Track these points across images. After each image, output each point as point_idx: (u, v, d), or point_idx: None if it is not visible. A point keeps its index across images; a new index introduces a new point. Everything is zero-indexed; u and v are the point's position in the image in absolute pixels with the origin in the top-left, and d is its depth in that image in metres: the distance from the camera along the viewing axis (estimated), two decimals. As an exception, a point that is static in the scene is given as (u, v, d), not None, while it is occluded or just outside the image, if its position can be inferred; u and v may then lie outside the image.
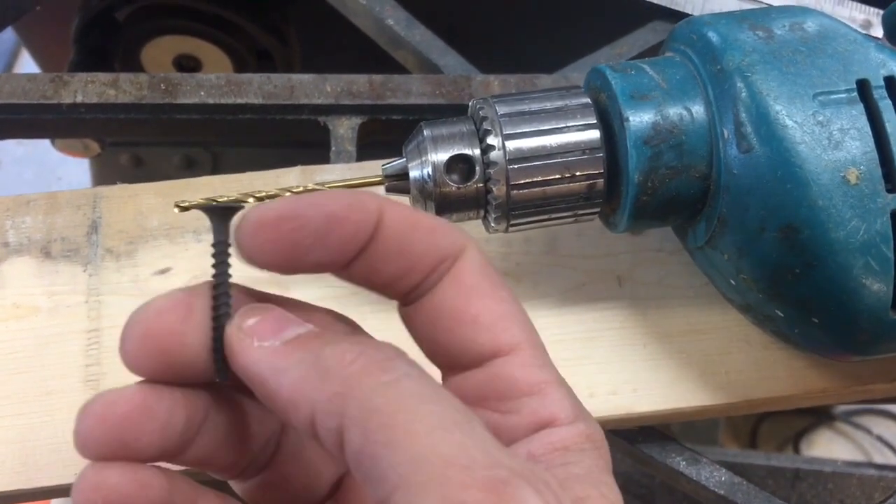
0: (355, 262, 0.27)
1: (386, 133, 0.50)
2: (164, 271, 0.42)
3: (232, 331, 0.26)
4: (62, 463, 0.38)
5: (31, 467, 0.38)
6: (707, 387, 0.41)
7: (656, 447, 0.43)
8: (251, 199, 0.36)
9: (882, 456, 1.49)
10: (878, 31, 0.42)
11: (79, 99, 0.47)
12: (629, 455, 0.44)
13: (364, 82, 0.49)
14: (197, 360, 0.27)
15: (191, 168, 0.98)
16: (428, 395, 0.23)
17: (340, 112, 0.49)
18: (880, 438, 1.52)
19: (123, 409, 0.26)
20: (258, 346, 0.26)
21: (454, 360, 0.28)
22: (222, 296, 0.27)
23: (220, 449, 0.28)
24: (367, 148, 0.50)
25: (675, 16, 0.53)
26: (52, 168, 1.66)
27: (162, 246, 0.42)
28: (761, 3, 0.53)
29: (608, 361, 0.41)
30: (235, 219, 0.27)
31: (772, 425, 1.53)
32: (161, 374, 0.27)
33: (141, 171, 0.99)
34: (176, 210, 0.35)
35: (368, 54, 0.61)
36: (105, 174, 1.03)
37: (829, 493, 1.12)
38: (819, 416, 1.54)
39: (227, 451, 0.28)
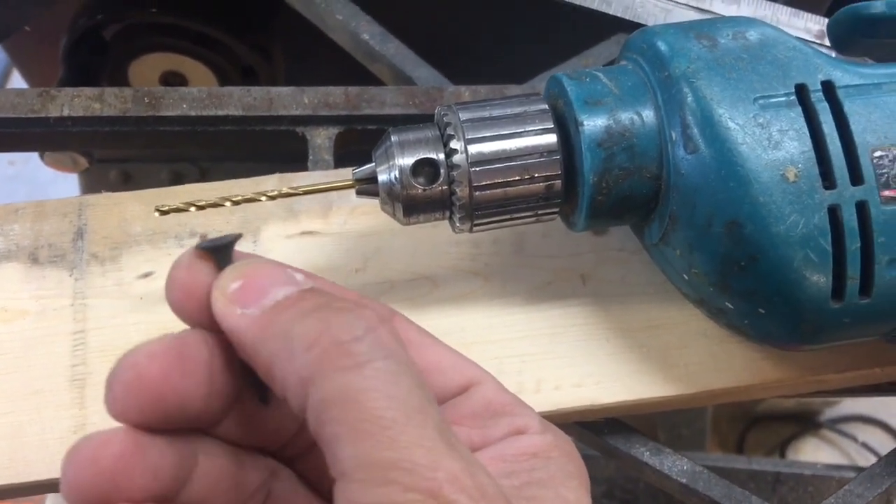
0: None
1: (362, 143, 0.52)
2: (146, 275, 0.43)
3: (216, 295, 0.27)
4: (49, 459, 0.39)
5: (19, 463, 0.39)
6: (667, 379, 0.43)
7: (621, 438, 0.45)
8: (228, 203, 0.38)
9: (868, 463, 1.50)
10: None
11: (65, 112, 0.49)
12: (595, 447, 0.46)
13: (340, 94, 0.52)
14: (189, 406, 0.27)
15: (179, 183, 0.99)
16: (387, 385, 0.24)
17: (317, 123, 0.51)
18: (866, 445, 1.53)
19: (115, 450, 0.26)
20: (241, 314, 0.26)
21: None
22: None
23: (210, 496, 0.28)
24: (345, 157, 0.52)
25: (639, 28, 0.55)
26: (43, 187, 1.67)
27: (145, 251, 0.44)
28: (720, 15, 0.56)
29: (573, 356, 0.43)
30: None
31: (758, 433, 1.55)
32: (150, 421, 0.26)
33: (129, 187, 1.00)
34: (156, 214, 0.37)
35: (351, 70, 0.63)
36: (94, 190, 1.04)
37: (810, 496, 1.13)
38: (805, 424, 1.56)
39: (218, 498, 0.28)
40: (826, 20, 0.57)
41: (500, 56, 0.68)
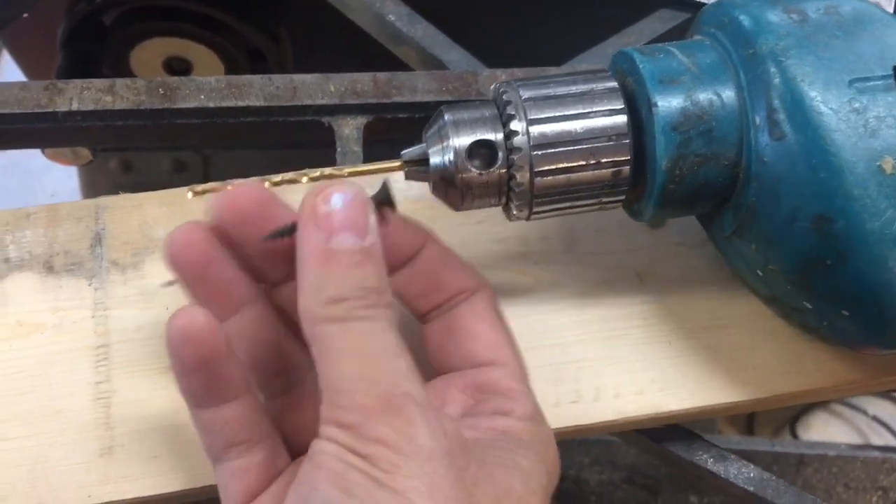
0: (398, 272, 0.34)
1: (391, 132, 0.49)
2: (172, 282, 0.40)
3: (309, 199, 0.31)
4: (75, 485, 0.36)
5: (43, 490, 0.36)
6: (735, 383, 0.40)
7: (682, 446, 0.42)
8: (266, 184, 0.35)
9: (879, 436, 1.49)
10: None
11: (74, 106, 0.46)
12: (653, 454, 0.43)
13: (368, 81, 0.48)
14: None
15: (181, 172, 0.96)
16: (371, 335, 0.30)
17: (345, 112, 0.48)
18: (876, 418, 1.52)
19: (203, 233, 0.33)
20: (314, 232, 0.30)
21: (456, 362, 0.35)
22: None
23: (248, 341, 0.34)
24: (372, 146, 0.49)
25: (682, 3, 0.52)
26: (37, 176, 1.63)
27: (169, 256, 0.41)
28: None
29: (633, 360, 0.40)
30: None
31: (768, 410, 1.53)
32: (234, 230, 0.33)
33: (130, 177, 0.97)
34: (189, 195, 0.34)
35: (360, 51, 0.60)
36: (94, 180, 1.01)
37: (834, 477, 1.12)
38: (814, 398, 1.54)
39: (256, 345, 0.34)
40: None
41: (532, 35, 0.64)
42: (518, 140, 0.33)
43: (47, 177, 1.59)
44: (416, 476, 0.27)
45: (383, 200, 0.33)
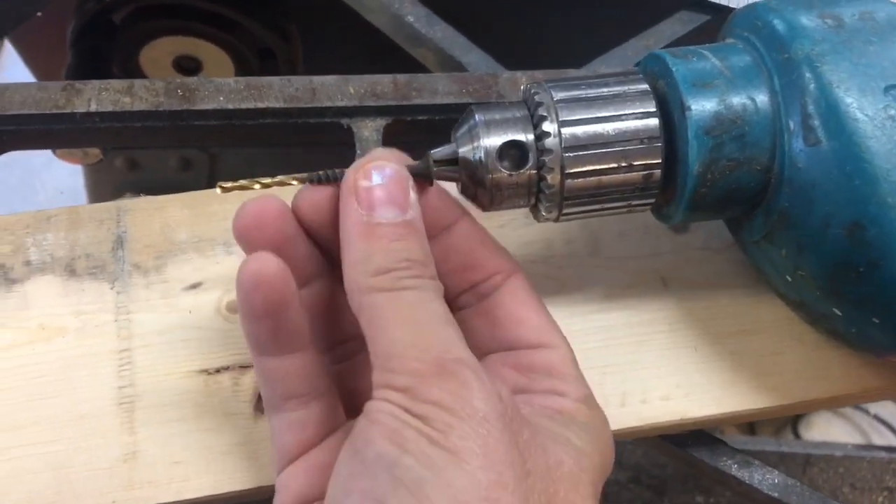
0: (432, 242, 0.33)
1: (411, 134, 0.49)
2: (195, 286, 0.40)
3: (351, 175, 0.31)
4: (99, 490, 0.36)
5: (67, 496, 0.36)
6: (761, 389, 0.40)
7: (706, 451, 0.42)
8: (294, 182, 0.34)
9: (880, 436, 1.49)
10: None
11: (93, 108, 0.45)
12: (677, 459, 0.43)
13: (388, 83, 0.48)
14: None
15: (187, 170, 0.96)
16: (419, 304, 0.30)
17: (364, 114, 0.47)
18: (877, 417, 1.52)
19: (277, 206, 0.33)
20: (355, 209, 0.31)
21: (500, 348, 0.34)
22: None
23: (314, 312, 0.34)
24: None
25: (703, 5, 0.52)
26: (37, 172, 1.63)
27: (192, 260, 0.40)
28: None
29: (658, 366, 0.40)
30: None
31: (771, 409, 1.53)
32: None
33: (136, 175, 0.97)
34: (218, 191, 0.34)
35: (371, 50, 0.60)
36: (99, 178, 1.00)
37: (840, 478, 1.12)
38: (817, 398, 1.53)
39: (320, 316, 0.35)
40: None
41: (549, 38, 0.64)
42: (549, 142, 0.33)
43: (47, 173, 1.58)
44: (471, 437, 0.27)
45: (420, 173, 0.33)
